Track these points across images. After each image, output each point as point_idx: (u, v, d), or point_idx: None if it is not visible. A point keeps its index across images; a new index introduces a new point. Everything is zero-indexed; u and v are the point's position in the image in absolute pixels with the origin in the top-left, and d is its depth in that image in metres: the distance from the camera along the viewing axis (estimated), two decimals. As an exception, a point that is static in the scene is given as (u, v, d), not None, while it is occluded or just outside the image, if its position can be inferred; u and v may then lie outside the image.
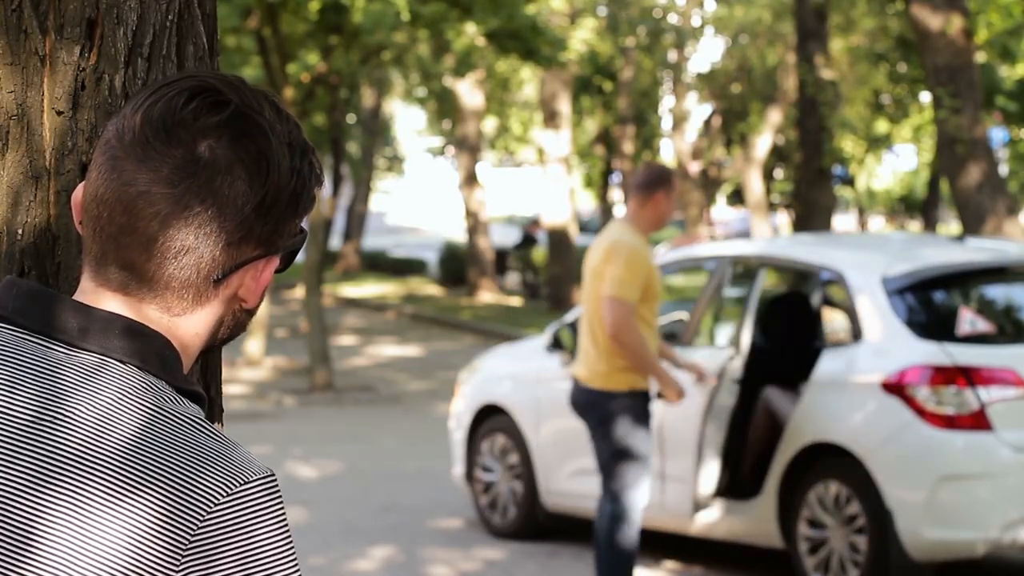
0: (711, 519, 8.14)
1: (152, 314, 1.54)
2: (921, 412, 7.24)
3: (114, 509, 1.42)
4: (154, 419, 1.47)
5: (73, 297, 1.57)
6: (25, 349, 1.52)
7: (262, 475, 1.48)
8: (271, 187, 1.54)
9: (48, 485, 1.44)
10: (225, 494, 1.44)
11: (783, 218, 39.80)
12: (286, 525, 1.49)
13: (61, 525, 1.43)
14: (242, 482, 1.46)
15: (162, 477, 1.44)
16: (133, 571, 1.41)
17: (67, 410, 1.47)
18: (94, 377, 1.50)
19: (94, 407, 1.47)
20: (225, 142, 1.52)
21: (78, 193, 1.60)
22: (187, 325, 1.57)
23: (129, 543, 1.42)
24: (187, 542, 1.43)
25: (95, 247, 1.55)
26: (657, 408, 7.82)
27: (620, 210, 46.76)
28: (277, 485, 1.49)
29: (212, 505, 1.44)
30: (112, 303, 1.54)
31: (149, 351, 1.52)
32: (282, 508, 1.49)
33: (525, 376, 9.42)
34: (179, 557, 1.42)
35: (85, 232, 1.57)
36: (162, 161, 1.51)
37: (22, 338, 1.54)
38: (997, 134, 28.23)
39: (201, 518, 1.43)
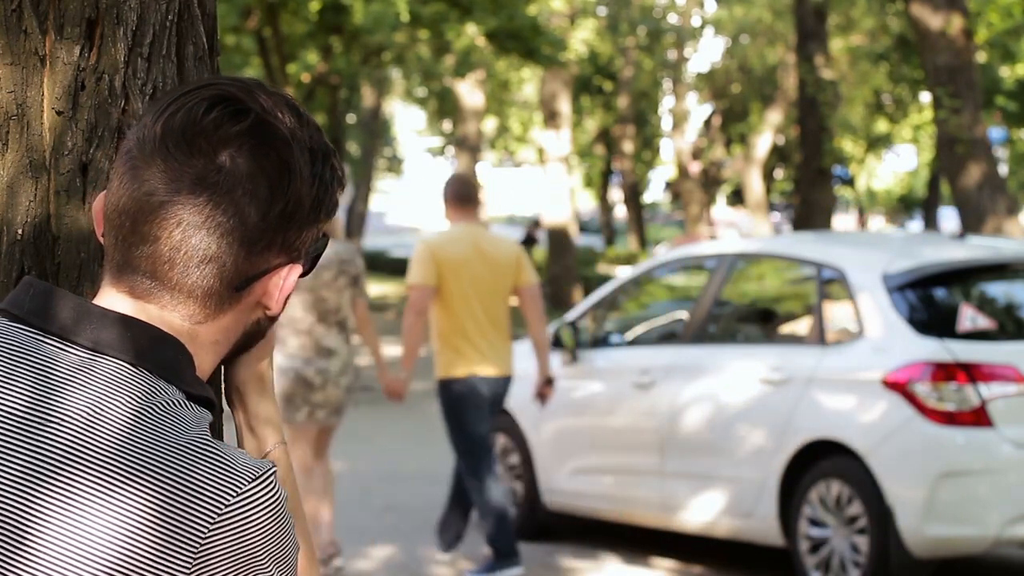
0: (712, 518, 8.14)
1: (175, 321, 1.55)
2: (922, 409, 7.24)
3: (104, 504, 1.43)
4: (143, 416, 1.48)
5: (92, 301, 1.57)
6: (19, 343, 1.53)
7: (264, 469, 1.49)
8: (293, 195, 1.55)
9: (41, 480, 1.45)
10: (235, 494, 1.45)
11: (779, 217, 39.77)
12: (288, 517, 1.51)
13: (54, 520, 1.43)
14: (249, 479, 1.47)
15: (152, 473, 1.44)
16: (126, 565, 1.42)
17: (58, 405, 1.48)
18: (83, 372, 1.50)
19: (84, 402, 1.48)
20: (246, 151, 1.53)
21: (99, 203, 1.60)
22: (209, 332, 1.57)
23: (120, 538, 1.42)
24: (198, 544, 1.44)
25: (117, 256, 1.56)
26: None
27: (621, 210, 46.79)
28: (275, 477, 1.50)
29: (223, 506, 1.45)
30: (133, 309, 1.54)
31: (153, 351, 1.53)
32: (284, 500, 1.50)
33: (525, 376, 9.42)
34: (190, 556, 1.44)
35: (107, 241, 1.57)
36: (183, 172, 1.52)
37: (17, 331, 1.54)
38: (997, 134, 28.25)
39: (211, 520, 1.44)
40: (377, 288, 30.30)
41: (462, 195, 7.93)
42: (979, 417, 7.21)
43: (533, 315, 8.04)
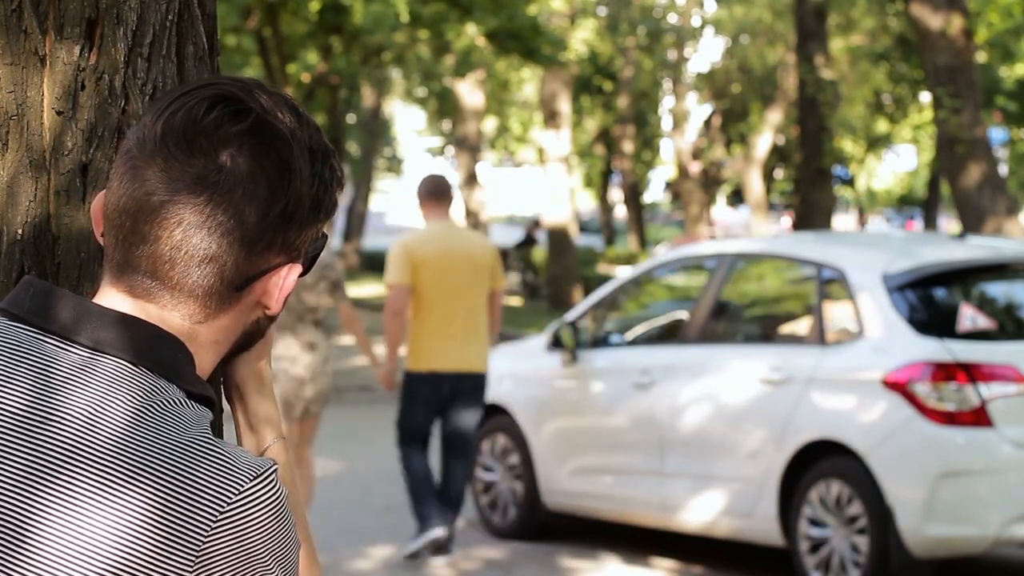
0: (712, 518, 8.14)
1: (174, 320, 1.55)
2: (922, 409, 7.24)
3: (105, 503, 1.43)
4: (144, 415, 1.48)
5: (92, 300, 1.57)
6: (19, 342, 1.53)
7: (265, 468, 1.49)
8: (293, 195, 1.55)
9: (41, 480, 1.45)
10: (236, 492, 1.45)
11: (785, 219, 39.75)
12: (289, 515, 1.51)
13: (55, 519, 1.43)
14: (250, 478, 1.47)
15: (153, 472, 1.44)
16: (127, 565, 1.42)
17: (58, 404, 1.48)
18: (84, 371, 1.50)
19: (84, 401, 1.48)
20: (246, 151, 1.53)
21: (98, 203, 1.60)
22: (209, 332, 1.57)
23: (121, 537, 1.42)
24: (200, 543, 1.44)
25: (118, 255, 1.56)
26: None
27: (621, 210, 46.79)
28: (276, 475, 1.50)
29: (225, 505, 1.45)
30: (133, 309, 1.55)
31: (153, 350, 1.53)
32: (285, 499, 1.51)
33: (525, 376, 9.43)
34: (192, 555, 1.44)
35: (107, 241, 1.57)
36: (184, 171, 1.52)
37: (18, 330, 1.55)
38: (997, 134, 28.25)
39: (213, 519, 1.44)
40: (377, 288, 30.29)
41: (434, 191, 8.27)
42: (979, 417, 7.21)
43: (493, 318, 8.43)
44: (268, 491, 1.47)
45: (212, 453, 1.47)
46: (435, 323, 8.18)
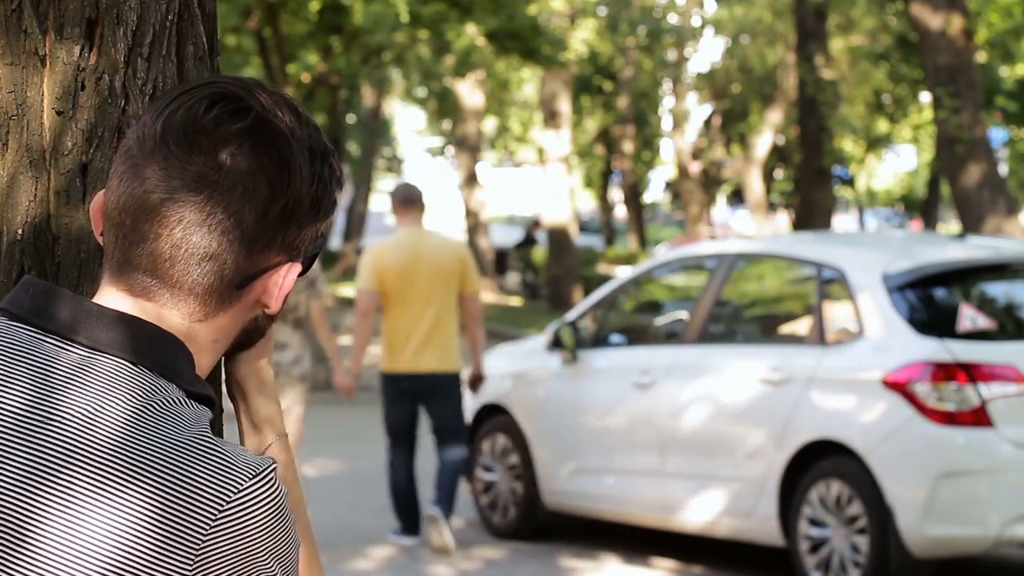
0: (712, 518, 8.14)
1: (174, 319, 1.55)
2: (922, 409, 7.24)
3: (104, 503, 1.43)
4: (143, 414, 1.48)
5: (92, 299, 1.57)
6: (19, 342, 1.53)
7: (264, 467, 1.49)
8: (293, 193, 1.55)
9: (40, 479, 1.45)
10: (235, 491, 1.45)
11: (783, 218, 39.73)
12: (289, 513, 1.51)
13: (54, 519, 1.43)
14: (249, 477, 1.47)
15: (151, 471, 1.44)
16: (126, 565, 1.42)
17: (57, 404, 1.48)
18: (83, 371, 1.50)
19: (84, 401, 1.48)
20: (247, 149, 1.53)
21: (97, 202, 1.60)
22: (208, 331, 1.57)
23: (120, 537, 1.42)
24: (199, 542, 1.44)
25: (118, 254, 1.56)
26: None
27: (621, 210, 46.79)
28: (275, 474, 1.50)
29: (224, 504, 1.45)
30: (132, 308, 1.54)
31: (153, 349, 1.53)
32: (284, 497, 1.50)
33: (525, 376, 9.43)
34: (191, 555, 1.44)
35: (107, 240, 1.57)
36: (184, 170, 1.52)
37: (17, 330, 1.55)
38: (997, 134, 28.23)
39: (212, 519, 1.44)
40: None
41: (404, 197, 8.72)
42: (979, 417, 7.21)
43: (471, 319, 8.81)
44: (267, 490, 1.47)
45: (211, 452, 1.47)
46: (399, 327, 8.61)
